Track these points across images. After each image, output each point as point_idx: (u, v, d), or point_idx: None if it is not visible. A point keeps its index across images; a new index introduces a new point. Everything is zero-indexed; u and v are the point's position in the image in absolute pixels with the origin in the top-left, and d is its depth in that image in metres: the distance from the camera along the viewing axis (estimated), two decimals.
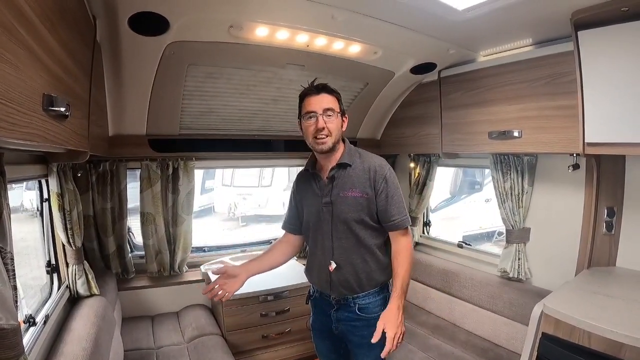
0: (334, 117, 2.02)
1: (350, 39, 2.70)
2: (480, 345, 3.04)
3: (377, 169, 2.04)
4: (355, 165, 2.08)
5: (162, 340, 3.08)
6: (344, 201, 2.05)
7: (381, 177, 2.03)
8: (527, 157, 3.05)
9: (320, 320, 2.34)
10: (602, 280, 2.38)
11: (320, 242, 2.17)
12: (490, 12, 2.21)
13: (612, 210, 2.57)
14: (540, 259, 3.07)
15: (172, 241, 3.64)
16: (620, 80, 2.09)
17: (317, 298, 2.33)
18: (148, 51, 2.47)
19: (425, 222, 4.40)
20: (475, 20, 2.34)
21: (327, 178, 2.11)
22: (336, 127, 2.03)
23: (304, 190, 2.27)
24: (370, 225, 2.07)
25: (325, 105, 2.01)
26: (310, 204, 2.21)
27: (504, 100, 2.85)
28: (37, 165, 2.26)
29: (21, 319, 1.93)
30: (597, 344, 1.80)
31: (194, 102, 3.17)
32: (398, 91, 3.77)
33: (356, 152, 2.14)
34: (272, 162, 4.92)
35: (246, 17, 2.33)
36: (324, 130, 1.99)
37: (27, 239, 2.64)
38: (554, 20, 2.29)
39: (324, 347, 2.42)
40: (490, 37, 2.74)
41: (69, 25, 1.58)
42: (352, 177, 2.06)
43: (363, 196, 2.03)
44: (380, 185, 2.02)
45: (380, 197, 2.03)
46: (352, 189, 2.04)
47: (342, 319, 2.19)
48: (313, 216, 2.19)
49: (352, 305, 2.14)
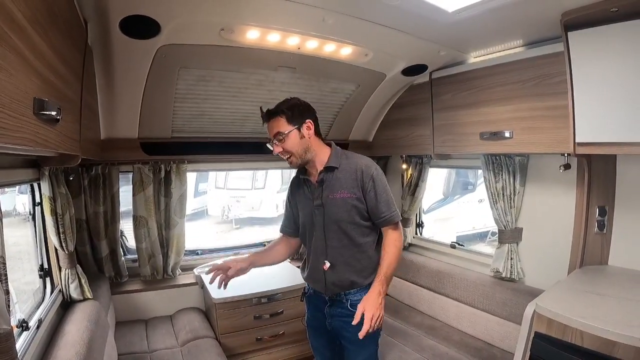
0: (286, 136, 2.09)
1: (342, 41, 2.71)
2: (474, 345, 3.05)
3: (364, 168, 2.11)
4: (342, 167, 2.14)
5: (156, 344, 3.06)
6: (334, 203, 2.12)
7: (368, 176, 2.09)
8: (519, 158, 3.06)
9: (314, 317, 2.40)
10: (595, 279, 2.39)
11: (314, 243, 2.23)
12: (480, 14, 2.22)
13: (603, 209, 2.58)
14: (533, 259, 3.08)
15: (165, 244, 3.63)
16: (610, 80, 2.10)
17: (311, 295, 2.40)
18: (139, 54, 2.47)
19: (418, 223, 4.41)
20: (465, 22, 2.35)
21: (316, 182, 2.18)
22: (292, 145, 2.11)
23: (297, 194, 2.35)
24: (361, 224, 2.14)
25: (274, 130, 2.11)
26: (303, 207, 2.29)
27: (495, 101, 2.86)
28: (29, 169, 2.25)
29: (14, 323, 1.92)
30: (589, 342, 1.81)
31: (185, 105, 3.16)
32: (390, 93, 3.77)
33: (343, 154, 2.21)
34: (265, 165, 4.91)
35: (237, 20, 2.34)
36: (281, 154, 2.11)
37: (19, 243, 2.63)
38: (544, 21, 2.31)
39: (319, 343, 2.47)
40: (480, 38, 2.76)
41: (60, 29, 1.58)
42: (340, 179, 2.13)
43: (352, 196, 2.10)
44: (368, 185, 2.09)
45: (369, 195, 2.09)
46: (341, 191, 2.11)
47: (335, 314, 2.25)
48: (307, 219, 2.27)
49: (344, 302, 2.20)
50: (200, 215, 11.13)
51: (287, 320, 3.47)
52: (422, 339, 3.20)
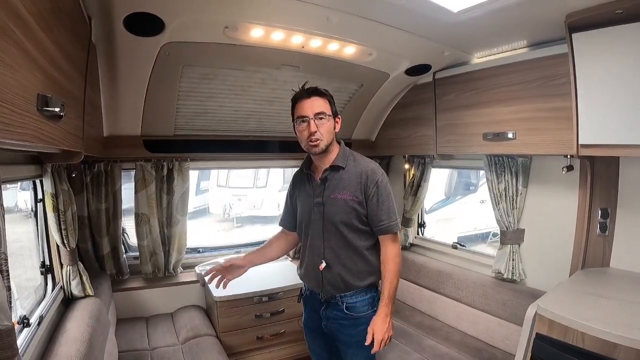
0: (326, 120, 2.06)
1: (345, 40, 2.71)
2: (475, 345, 3.05)
3: (369, 173, 2.08)
4: (348, 168, 2.11)
5: (157, 342, 3.06)
6: (334, 203, 2.09)
7: (372, 181, 2.06)
8: (521, 159, 3.05)
9: (311, 318, 2.38)
10: (596, 281, 2.39)
11: (311, 241, 2.20)
12: (485, 14, 2.22)
13: (606, 211, 2.58)
14: (535, 260, 3.08)
15: (167, 242, 3.64)
16: (614, 82, 2.10)
17: (308, 296, 2.37)
18: (143, 52, 2.47)
19: (420, 223, 4.41)
20: (469, 22, 2.34)
21: (319, 179, 2.15)
22: (328, 130, 2.07)
23: (299, 189, 2.31)
24: (358, 228, 2.11)
25: (317, 109, 2.04)
26: (303, 203, 2.25)
27: (499, 102, 2.86)
28: (31, 166, 2.25)
29: (15, 320, 1.92)
30: (591, 344, 1.80)
31: (188, 103, 3.17)
32: (393, 92, 3.77)
33: (350, 155, 2.17)
34: (267, 163, 4.93)
35: (241, 18, 2.34)
36: (316, 134, 2.03)
37: (21, 240, 2.63)
38: (548, 22, 2.30)
39: (316, 345, 2.45)
40: (484, 39, 2.75)
41: (64, 25, 1.58)
42: (343, 180, 2.10)
43: (353, 199, 2.07)
44: (371, 190, 2.06)
45: (371, 201, 2.07)
46: (343, 192, 2.08)
47: (330, 317, 2.23)
48: (305, 215, 2.23)
49: (339, 304, 2.18)
50: (201, 213, 11.11)
51: (287, 319, 3.47)
52: (423, 339, 3.20)
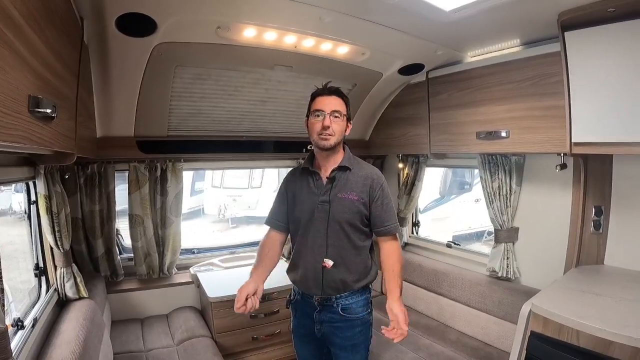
0: (340, 119, 2.11)
1: (338, 40, 2.71)
2: (471, 344, 3.06)
3: (375, 177, 2.16)
4: (354, 170, 2.17)
5: (152, 343, 3.05)
6: (341, 202, 2.12)
7: (378, 185, 2.14)
8: (515, 157, 3.07)
9: (302, 324, 2.34)
10: (590, 279, 2.40)
11: (312, 240, 2.18)
12: (478, 14, 2.23)
13: (599, 209, 2.59)
14: (529, 258, 3.09)
15: (161, 243, 3.63)
16: (607, 80, 2.11)
17: (298, 301, 2.34)
18: (135, 52, 2.46)
19: (414, 222, 4.41)
20: (462, 22, 2.35)
21: (327, 178, 2.17)
22: (340, 129, 2.12)
23: (298, 186, 2.28)
24: (360, 228, 2.15)
25: (334, 107, 2.10)
26: (304, 201, 2.22)
27: (492, 101, 2.87)
28: (24, 168, 2.23)
29: (9, 322, 1.91)
30: (585, 341, 1.81)
31: (182, 104, 3.15)
32: (386, 92, 3.78)
33: (355, 159, 2.24)
34: (262, 163, 4.91)
35: (234, 18, 2.34)
36: (328, 129, 2.07)
37: (15, 242, 2.62)
38: (541, 21, 2.31)
39: (306, 351, 2.42)
40: (477, 38, 2.76)
41: (56, 26, 1.57)
42: (351, 181, 2.14)
43: (359, 200, 2.11)
44: (377, 193, 2.13)
45: (376, 204, 2.13)
46: (351, 192, 2.12)
47: (325, 320, 2.21)
48: (306, 213, 2.20)
49: (335, 306, 2.18)
50: (196, 214, 11.07)
51: (282, 319, 3.44)
52: (419, 338, 3.21)
